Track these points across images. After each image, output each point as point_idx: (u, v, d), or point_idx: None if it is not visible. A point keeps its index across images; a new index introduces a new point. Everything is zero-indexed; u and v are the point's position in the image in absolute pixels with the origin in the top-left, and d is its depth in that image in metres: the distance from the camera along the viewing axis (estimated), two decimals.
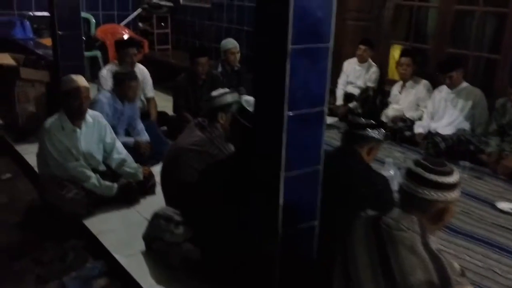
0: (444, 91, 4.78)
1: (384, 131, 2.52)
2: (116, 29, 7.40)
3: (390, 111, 5.22)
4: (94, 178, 3.34)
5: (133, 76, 4.14)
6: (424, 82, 5.06)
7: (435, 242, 1.70)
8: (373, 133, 2.44)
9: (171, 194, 3.15)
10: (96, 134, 3.52)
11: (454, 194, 1.68)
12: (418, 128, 4.88)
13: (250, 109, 2.59)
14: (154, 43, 7.60)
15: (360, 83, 5.70)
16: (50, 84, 4.88)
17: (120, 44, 4.92)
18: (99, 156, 3.55)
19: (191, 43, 7.39)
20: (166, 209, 2.95)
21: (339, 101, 5.88)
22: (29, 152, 4.40)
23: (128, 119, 4.23)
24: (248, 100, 2.69)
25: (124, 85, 4.04)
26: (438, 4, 5.22)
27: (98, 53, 7.07)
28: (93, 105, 3.87)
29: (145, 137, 4.28)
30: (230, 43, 5.30)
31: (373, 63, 5.70)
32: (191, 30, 7.36)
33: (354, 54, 5.72)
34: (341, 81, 5.91)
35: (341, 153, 2.49)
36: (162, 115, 5.06)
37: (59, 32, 4.47)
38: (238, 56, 5.29)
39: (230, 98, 3.11)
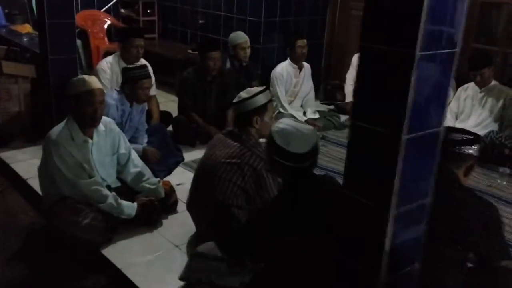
0: (471, 89, 4.47)
1: (479, 146, 2.14)
2: (97, 15, 6.73)
3: None
4: (111, 198, 2.79)
5: (147, 74, 3.53)
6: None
7: None
8: (472, 149, 2.06)
9: (207, 219, 2.68)
10: (109, 144, 2.97)
11: None
12: None
13: (283, 140, 2.10)
14: None
15: None
16: (36, 80, 4.27)
17: (126, 33, 4.23)
18: (113, 170, 3.02)
19: (181, 32, 6.82)
20: (208, 246, 2.43)
21: (349, 97, 5.47)
22: (17, 161, 3.82)
23: (135, 124, 3.66)
24: (284, 128, 2.14)
25: (136, 84, 3.45)
26: None
27: (78, 42, 6.39)
28: None
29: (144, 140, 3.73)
30: (240, 37, 4.78)
31: None
32: (181, 18, 6.78)
33: None
34: (350, 76, 5.48)
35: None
36: (165, 115, 4.49)
37: (48, 21, 3.89)
38: (248, 51, 4.79)
39: (263, 98, 2.64)
